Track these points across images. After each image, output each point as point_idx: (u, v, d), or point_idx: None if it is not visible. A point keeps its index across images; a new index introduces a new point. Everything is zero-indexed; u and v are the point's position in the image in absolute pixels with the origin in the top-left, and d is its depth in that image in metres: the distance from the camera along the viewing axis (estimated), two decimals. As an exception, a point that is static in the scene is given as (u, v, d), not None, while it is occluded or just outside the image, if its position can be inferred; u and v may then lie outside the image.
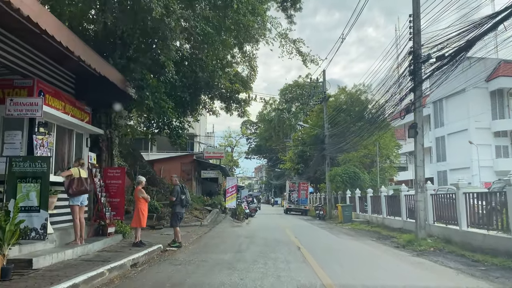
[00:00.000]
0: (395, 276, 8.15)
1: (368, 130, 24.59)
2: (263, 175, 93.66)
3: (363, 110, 28.52)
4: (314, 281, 6.86)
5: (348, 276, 7.71)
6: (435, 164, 43.97)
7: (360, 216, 23.89)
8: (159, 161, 23.95)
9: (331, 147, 28.31)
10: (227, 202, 21.18)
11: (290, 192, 35.10)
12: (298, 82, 63.17)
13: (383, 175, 29.22)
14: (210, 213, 19.66)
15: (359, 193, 24.78)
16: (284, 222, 24.05)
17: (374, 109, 22.72)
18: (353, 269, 8.65)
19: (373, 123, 23.32)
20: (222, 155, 24.45)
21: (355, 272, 8.17)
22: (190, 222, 17.80)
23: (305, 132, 39.85)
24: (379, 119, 22.19)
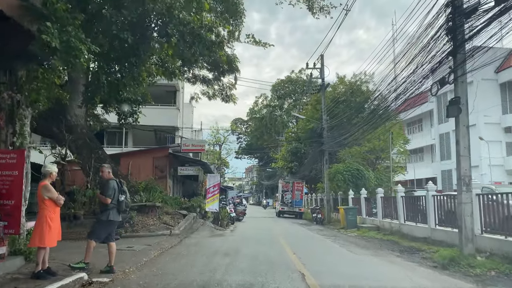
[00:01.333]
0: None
1: (373, 122, 20.65)
2: (254, 175, 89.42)
3: (366, 100, 24.55)
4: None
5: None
6: (439, 163, 40.25)
7: (367, 220, 19.84)
8: (127, 155, 19.71)
9: (330, 141, 24.26)
10: (207, 204, 17.05)
11: (283, 192, 30.98)
12: (291, 78, 59.33)
13: (388, 174, 25.24)
14: (184, 218, 15.44)
15: (365, 194, 20.74)
16: (277, 228, 19.89)
17: (381, 96, 18.75)
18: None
19: (380, 113, 19.35)
20: (203, 148, 20.30)
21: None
22: (157, 231, 13.57)
23: (300, 126, 35.79)
24: (389, 107, 18.24)
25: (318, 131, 26.97)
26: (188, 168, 19.69)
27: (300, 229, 19.74)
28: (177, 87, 30.20)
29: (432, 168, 42.05)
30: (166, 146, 19.97)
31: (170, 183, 20.50)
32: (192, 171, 19.55)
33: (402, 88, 14.86)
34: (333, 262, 9.76)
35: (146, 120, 29.27)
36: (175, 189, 23.37)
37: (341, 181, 22.83)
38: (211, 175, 17.78)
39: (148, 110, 30.21)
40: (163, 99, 30.97)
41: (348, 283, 6.87)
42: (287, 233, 17.14)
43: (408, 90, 13.94)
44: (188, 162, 20.19)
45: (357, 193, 23.24)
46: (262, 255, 9.87)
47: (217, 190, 17.35)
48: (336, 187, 23.60)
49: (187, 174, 19.89)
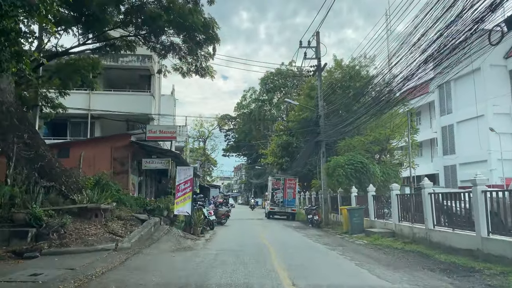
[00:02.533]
0: None
1: (381, 105, 16.89)
2: (243, 174, 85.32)
3: (370, 80, 20.68)
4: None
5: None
6: (441, 158, 36.65)
7: (377, 224, 15.98)
8: (78, 144, 15.51)
9: (329, 129, 20.36)
10: (176, 206, 12.96)
11: (274, 191, 26.99)
12: (281, 70, 55.35)
13: (396, 168, 21.46)
14: (142, 224, 11.32)
15: (373, 191, 16.87)
16: (267, 234, 15.87)
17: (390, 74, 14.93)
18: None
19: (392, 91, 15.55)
20: (173, 135, 16.12)
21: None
22: (97, 244, 9.47)
23: (291, 118, 31.87)
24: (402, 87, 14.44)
25: (313, 120, 23.05)
26: (155, 160, 15.54)
27: (295, 236, 15.76)
28: (152, 70, 26.02)
29: (433, 164, 38.50)
30: (127, 133, 15.81)
31: (134, 180, 16.36)
32: (160, 164, 15.43)
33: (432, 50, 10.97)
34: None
35: (115, 108, 25.24)
36: (145, 188, 19.21)
37: (342, 177, 18.93)
38: (181, 168, 13.69)
39: (118, 96, 26.13)
40: (136, 85, 26.75)
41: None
42: (279, 241, 13.14)
43: (445, 48, 10.04)
44: (157, 153, 16.11)
45: (361, 190, 19.40)
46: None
47: (190, 187, 13.28)
48: (336, 184, 19.70)
49: (154, 168, 15.75)
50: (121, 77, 26.67)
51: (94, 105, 24.51)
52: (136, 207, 13.84)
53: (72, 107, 20.80)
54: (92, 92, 24.85)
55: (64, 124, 25.38)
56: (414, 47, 11.16)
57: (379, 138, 20.55)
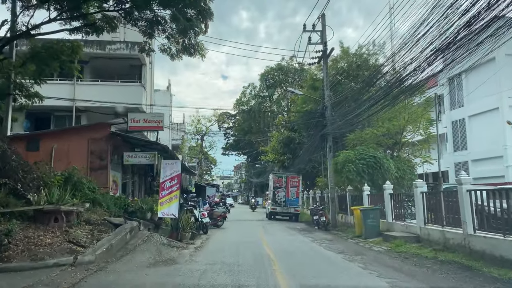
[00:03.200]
0: None
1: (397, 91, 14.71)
2: (243, 172, 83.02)
3: (381, 66, 18.41)
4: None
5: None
6: (451, 154, 34.35)
7: (396, 226, 13.70)
8: (50, 136, 13.20)
9: (338, 119, 18.08)
10: (161, 207, 10.67)
11: (275, 189, 24.68)
12: (281, 65, 53.09)
13: (411, 164, 19.19)
14: (115, 230, 9.04)
15: (390, 189, 14.60)
16: (269, 239, 13.56)
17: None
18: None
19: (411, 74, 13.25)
20: (159, 124, 13.77)
21: None
22: (50, 258, 7.22)
23: (294, 111, 29.60)
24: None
25: (319, 112, 20.77)
26: (138, 154, 13.22)
27: (301, 241, 13.46)
28: (143, 60, 23.73)
29: (443, 161, 36.17)
30: (106, 123, 13.49)
31: (116, 177, 14.08)
32: (144, 158, 13.11)
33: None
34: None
35: (103, 99, 22.94)
36: (131, 186, 16.92)
37: (352, 173, 16.65)
38: (167, 163, 11.41)
39: (105, 87, 23.81)
40: (127, 76, 24.46)
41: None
42: (284, 250, 10.85)
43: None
44: (142, 146, 13.81)
45: (373, 188, 17.14)
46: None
47: (177, 184, 11.00)
48: (346, 181, 17.41)
49: (137, 162, 13.42)
50: (110, 68, 24.39)
51: (79, 97, 22.23)
52: (114, 209, 11.57)
53: (51, 97, 18.54)
54: (77, 83, 22.66)
55: (48, 118, 23.11)
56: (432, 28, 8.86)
57: (392, 130, 18.25)
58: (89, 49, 22.60)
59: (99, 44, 22.67)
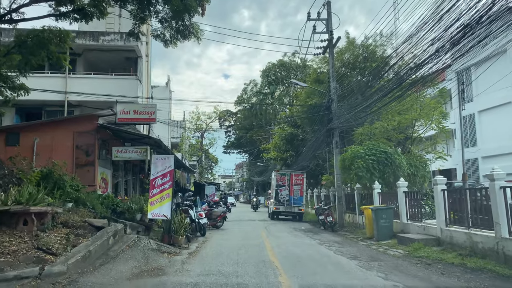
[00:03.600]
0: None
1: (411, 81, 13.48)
2: (244, 171, 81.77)
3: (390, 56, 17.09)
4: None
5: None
6: (460, 151, 33.01)
7: (411, 227, 12.42)
8: (31, 128, 11.94)
9: (347, 112, 16.79)
10: (151, 207, 9.41)
11: (278, 188, 23.38)
12: (283, 61, 51.83)
13: (424, 160, 17.88)
14: (96, 234, 7.79)
15: (405, 186, 13.31)
16: (273, 242, 12.26)
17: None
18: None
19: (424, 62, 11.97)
20: (151, 116, 12.47)
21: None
22: (12, 268, 5.96)
23: (295, 109, 28.36)
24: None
25: (324, 105, 19.49)
26: (129, 149, 11.92)
27: (308, 244, 12.18)
28: (138, 52, 22.49)
29: (451, 158, 34.82)
30: (93, 114, 12.21)
31: (105, 174, 12.83)
32: (135, 153, 11.82)
33: None
34: None
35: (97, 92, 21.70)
36: (124, 184, 15.68)
37: (362, 169, 15.35)
38: (158, 157, 10.14)
39: (98, 81, 22.53)
40: (122, 69, 23.21)
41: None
42: (290, 255, 9.58)
43: None
44: (132, 140, 12.53)
45: (384, 186, 15.87)
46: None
47: (169, 182, 9.75)
48: (355, 178, 16.11)
49: (127, 158, 12.11)
50: (104, 61, 23.16)
51: (71, 90, 20.98)
52: (101, 209, 10.33)
53: (38, 89, 17.34)
54: (69, 76, 21.43)
55: (39, 113, 21.87)
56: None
57: (404, 123, 16.96)
58: (82, 40, 21.38)
59: (92, 36, 21.44)
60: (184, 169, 18.74)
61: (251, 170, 66.48)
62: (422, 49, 10.46)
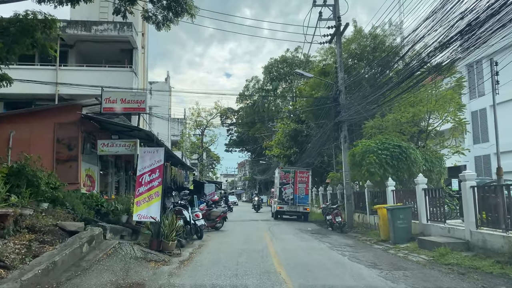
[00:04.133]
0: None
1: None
2: (246, 170, 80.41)
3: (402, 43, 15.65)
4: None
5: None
6: (471, 146, 31.52)
7: (433, 229, 11.01)
8: (7, 119, 10.55)
9: (357, 103, 15.38)
10: (137, 208, 8.05)
11: (282, 186, 21.97)
12: (286, 57, 50.48)
13: (440, 155, 16.45)
14: (66, 240, 6.44)
15: (424, 183, 11.92)
16: (278, 246, 10.86)
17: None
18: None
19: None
20: (141, 105, 11.04)
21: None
22: None
23: (300, 103, 27.01)
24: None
25: (332, 96, 18.09)
26: (116, 142, 10.53)
27: (317, 248, 10.78)
28: (133, 43, 21.15)
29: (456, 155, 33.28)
30: (76, 104, 10.83)
31: (91, 170, 11.48)
32: (123, 147, 10.42)
33: None
34: None
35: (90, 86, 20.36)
36: (115, 182, 14.33)
37: (374, 165, 13.95)
38: (146, 150, 8.78)
39: (91, 73, 21.14)
40: (117, 61, 21.85)
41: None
42: (299, 263, 8.20)
43: None
44: (121, 133, 11.16)
45: (398, 183, 14.48)
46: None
47: (159, 178, 8.40)
48: (366, 175, 14.70)
49: (114, 152, 10.69)
50: (98, 52, 21.83)
51: (63, 84, 19.68)
52: (82, 210, 8.99)
53: (23, 80, 16.04)
54: (60, 68, 20.13)
55: (29, 106, 20.60)
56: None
57: (419, 116, 15.56)
58: (73, 30, 20.07)
59: (84, 25, 20.11)
60: (181, 166, 17.39)
61: (253, 169, 65.12)
62: (448, 25, 9.04)
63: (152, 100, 34.67)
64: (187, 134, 36.26)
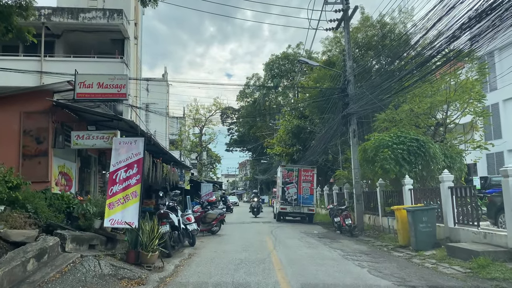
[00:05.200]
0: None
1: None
2: (248, 169, 78.77)
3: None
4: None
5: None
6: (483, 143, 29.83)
7: (463, 234, 9.36)
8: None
9: (370, 91, 13.73)
10: (110, 210, 6.47)
11: (285, 185, 20.29)
12: (287, 54, 48.78)
13: (457, 151, 14.82)
14: (5, 255, 4.85)
15: (450, 180, 10.29)
16: (283, 256, 9.18)
17: None
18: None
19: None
20: (122, 90, 9.45)
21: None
22: None
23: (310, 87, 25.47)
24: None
25: (339, 87, 16.46)
26: (93, 134, 8.88)
27: (330, 258, 9.12)
28: (125, 33, 19.56)
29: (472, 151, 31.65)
30: (46, 89, 9.21)
31: (66, 167, 9.86)
32: (101, 140, 8.76)
33: None
34: None
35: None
36: (98, 181, 12.71)
37: (390, 161, 12.31)
38: (122, 141, 7.17)
39: (79, 64, 19.42)
40: (108, 53, 20.24)
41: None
42: (308, 279, 6.57)
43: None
44: (100, 123, 9.54)
45: (415, 181, 12.86)
46: None
47: (137, 175, 6.82)
48: (379, 172, 13.06)
49: (91, 146, 9.06)
50: (87, 43, 20.26)
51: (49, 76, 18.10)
52: (48, 214, 7.41)
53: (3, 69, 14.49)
54: (45, 59, 18.57)
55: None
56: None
57: (437, 106, 13.94)
58: (59, 18, 18.50)
59: (71, 13, 18.54)
60: (175, 164, 15.78)
61: (254, 169, 63.48)
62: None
63: (149, 97, 33.17)
64: (185, 132, 34.56)
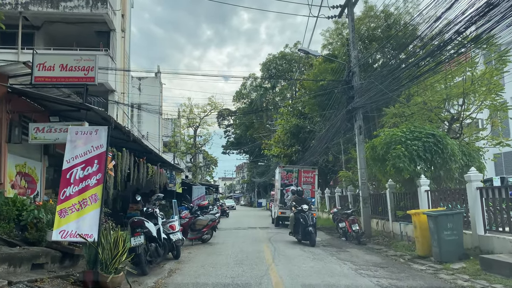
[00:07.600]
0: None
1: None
2: (245, 172, 77.17)
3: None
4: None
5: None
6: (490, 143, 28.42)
7: (497, 243, 7.85)
8: None
9: (379, 81, 12.25)
10: (61, 219, 5.00)
11: (284, 188, 18.70)
12: (285, 53, 47.43)
13: (476, 148, 13.33)
14: None
15: (478, 180, 8.80)
16: (284, 273, 7.62)
17: None
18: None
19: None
20: (89, 74, 7.97)
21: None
22: None
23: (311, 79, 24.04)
24: None
25: (343, 79, 15.01)
26: (55, 126, 7.36)
27: (340, 274, 7.59)
28: (110, 24, 18.06)
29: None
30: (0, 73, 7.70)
31: (31, 168, 8.27)
32: (65, 133, 7.29)
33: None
34: None
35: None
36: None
37: (404, 159, 10.80)
38: (80, 131, 5.65)
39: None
40: (93, 46, 18.69)
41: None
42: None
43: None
44: (64, 112, 8.00)
45: (432, 181, 11.37)
46: None
47: (99, 173, 5.33)
48: (391, 172, 11.53)
49: (53, 140, 7.47)
50: (71, 35, 18.73)
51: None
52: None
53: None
54: (22, 52, 17.00)
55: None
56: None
57: (454, 97, 12.49)
58: (37, 7, 16.99)
59: (51, 1, 17.01)
60: (163, 165, 14.23)
61: (252, 171, 61.92)
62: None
63: (141, 97, 31.66)
64: (179, 133, 32.97)
